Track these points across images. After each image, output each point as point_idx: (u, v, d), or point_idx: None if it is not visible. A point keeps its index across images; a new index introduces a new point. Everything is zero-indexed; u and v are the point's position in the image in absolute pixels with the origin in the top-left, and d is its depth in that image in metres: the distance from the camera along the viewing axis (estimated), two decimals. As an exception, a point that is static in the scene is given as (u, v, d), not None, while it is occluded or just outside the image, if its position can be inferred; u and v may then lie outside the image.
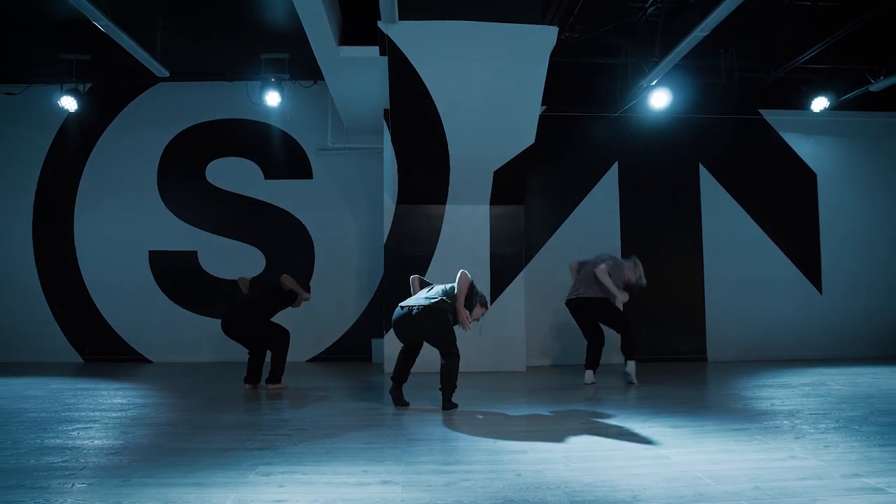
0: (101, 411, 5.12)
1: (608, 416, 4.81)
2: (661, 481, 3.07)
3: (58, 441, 3.99)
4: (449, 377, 5.17)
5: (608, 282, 6.59)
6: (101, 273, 9.26)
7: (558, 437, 4.07)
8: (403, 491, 2.95)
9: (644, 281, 6.91)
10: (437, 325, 5.16)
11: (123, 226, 9.32)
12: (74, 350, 9.18)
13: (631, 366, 6.71)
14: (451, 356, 5.19)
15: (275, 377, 6.43)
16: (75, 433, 4.24)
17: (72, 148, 9.36)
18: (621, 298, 6.72)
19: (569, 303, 6.90)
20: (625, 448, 3.77)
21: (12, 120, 9.29)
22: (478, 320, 5.50)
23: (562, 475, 3.18)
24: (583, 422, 4.59)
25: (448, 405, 5.15)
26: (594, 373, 6.71)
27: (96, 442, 3.98)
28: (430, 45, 6.47)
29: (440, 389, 5.19)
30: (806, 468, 3.27)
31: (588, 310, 6.76)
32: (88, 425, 4.52)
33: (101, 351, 9.16)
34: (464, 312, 5.26)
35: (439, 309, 5.16)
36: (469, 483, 3.06)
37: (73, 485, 3.03)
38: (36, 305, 9.18)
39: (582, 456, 3.59)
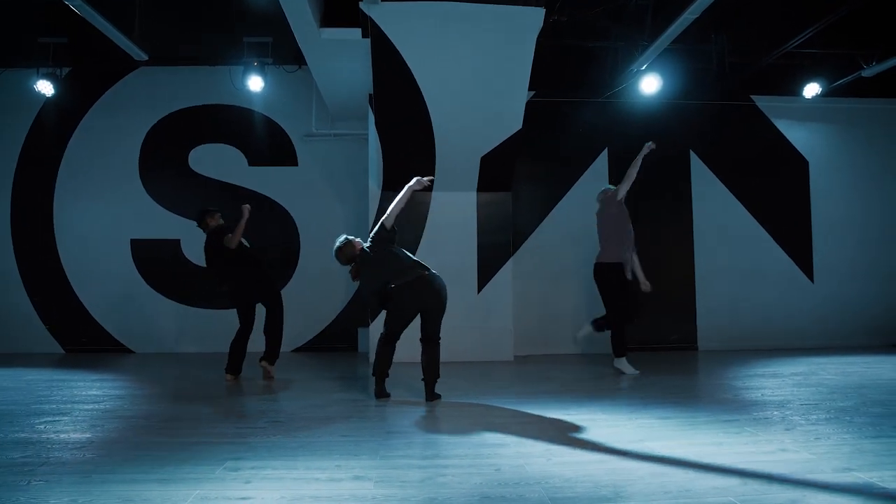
0: (73, 403, 4.97)
1: (595, 408, 4.69)
2: (646, 476, 2.95)
3: (23, 435, 3.85)
4: (432, 365, 5.06)
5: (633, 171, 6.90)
6: (81, 262, 9.04)
7: (542, 430, 3.95)
8: (375, 487, 2.82)
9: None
10: (445, 298, 5.12)
11: (104, 213, 9.10)
12: (55, 340, 9.00)
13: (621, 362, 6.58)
14: (435, 343, 5.09)
15: (272, 354, 6.30)
16: (42, 426, 4.09)
17: (50, 134, 9.11)
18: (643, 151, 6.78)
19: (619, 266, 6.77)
20: (610, 441, 3.64)
21: (-13, 105, 9.08)
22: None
23: (543, 470, 3.06)
24: (568, 413, 4.46)
25: (432, 396, 5.02)
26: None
27: (62, 436, 3.84)
28: (413, 26, 6.28)
29: (423, 380, 5.06)
30: (796, 461, 3.15)
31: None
32: (57, 418, 4.37)
33: (81, 341, 8.98)
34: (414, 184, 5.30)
35: (441, 281, 5.14)
36: (445, 478, 2.93)
37: (28, 482, 2.89)
38: (15, 295, 8.97)
39: (565, 450, 3.47)
